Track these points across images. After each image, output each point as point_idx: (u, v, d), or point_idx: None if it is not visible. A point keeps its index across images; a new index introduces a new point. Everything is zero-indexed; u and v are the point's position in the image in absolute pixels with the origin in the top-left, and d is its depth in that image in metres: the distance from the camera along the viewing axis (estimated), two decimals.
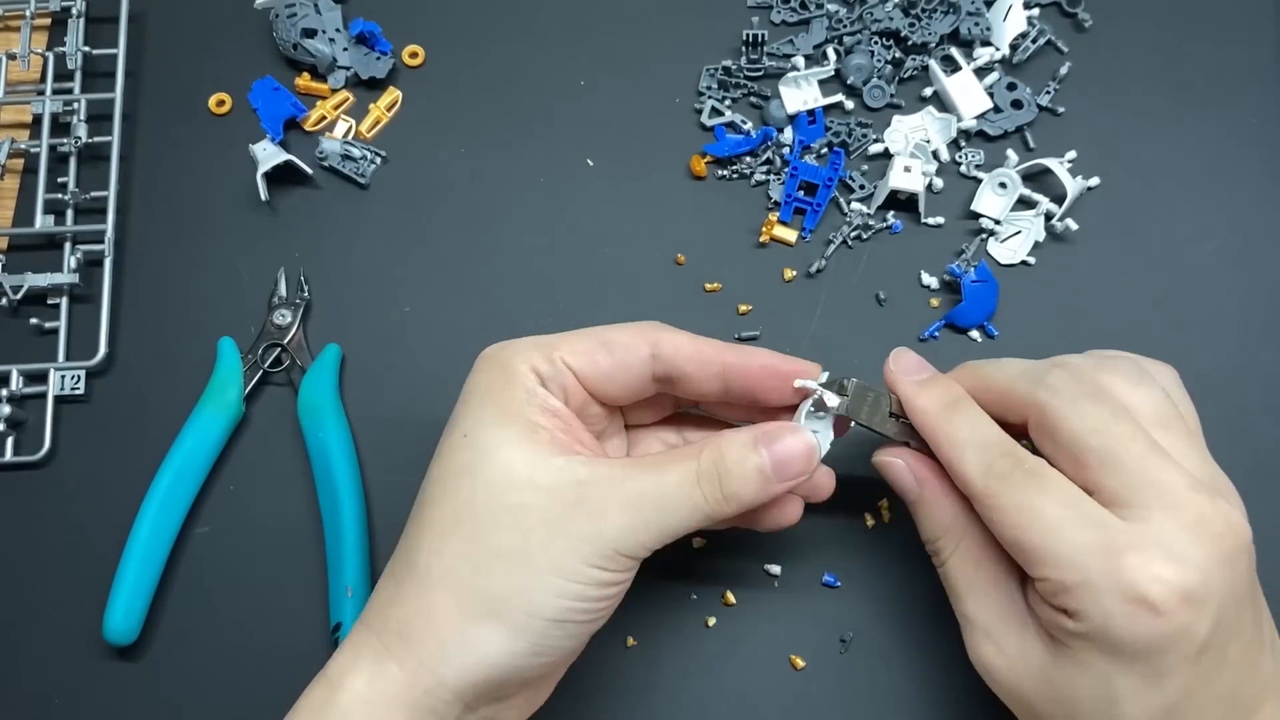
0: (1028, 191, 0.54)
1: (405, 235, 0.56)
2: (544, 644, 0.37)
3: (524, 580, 0.36)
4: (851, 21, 0.58)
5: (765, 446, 0.38)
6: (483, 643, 0.36)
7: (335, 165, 0.56)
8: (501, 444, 0.37)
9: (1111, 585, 0.34)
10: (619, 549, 0.37)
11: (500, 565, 0.36)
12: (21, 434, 0.53)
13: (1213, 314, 0.53)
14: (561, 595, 0.36)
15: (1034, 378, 0.39)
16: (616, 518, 0.36)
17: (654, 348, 0.40)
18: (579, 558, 0.36)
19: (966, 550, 0.40)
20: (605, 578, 0.37)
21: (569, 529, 0.36)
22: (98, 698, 0.48)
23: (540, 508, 0.36)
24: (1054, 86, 0.56)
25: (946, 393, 0.41)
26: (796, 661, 0.48)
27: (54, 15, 0.60)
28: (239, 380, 0.52)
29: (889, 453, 0.42)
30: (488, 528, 0.37)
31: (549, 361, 0.39)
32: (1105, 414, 0.37)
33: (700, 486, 0.38)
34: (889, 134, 0.56)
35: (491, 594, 0.36)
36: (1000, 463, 0.38)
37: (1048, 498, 0.36)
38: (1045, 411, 0.38)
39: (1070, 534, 0.35)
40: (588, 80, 0.58)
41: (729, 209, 0.55)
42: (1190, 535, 0.34)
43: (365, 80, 0.58)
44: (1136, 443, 0.36)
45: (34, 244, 0.56)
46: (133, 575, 0.48)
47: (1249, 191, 0.55)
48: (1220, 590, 0.34)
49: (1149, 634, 0.34)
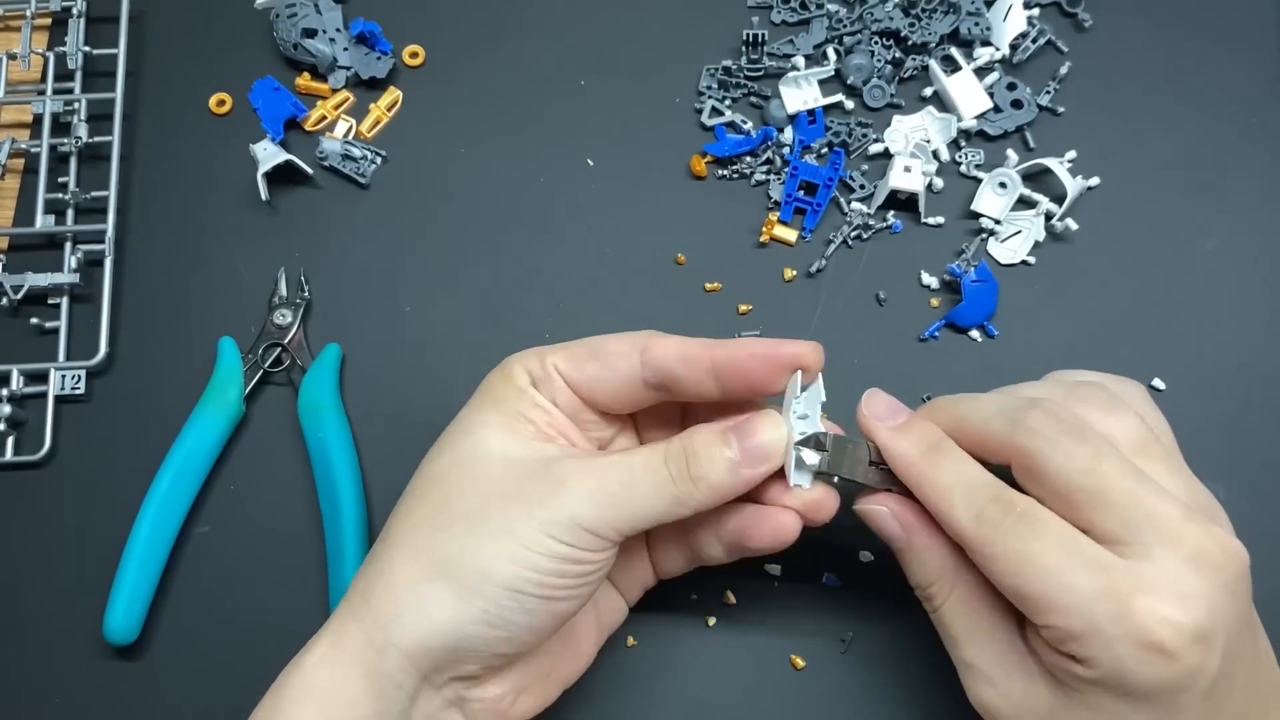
0: (1028, 191, 0.54)
1: (405, 235, 0.56)
2: (498, 614, 0.36)
3: (477, 542, 0.37)
4: (851, 21, 0.58)
5: (734, 432, 0.38)
6: (432, 601, 0.36)
7: (335, 165, 0.56)
8: (482, 425, 0.40)
9: (1121, 631, 0.33)
10: (580, 522, 0.37)
11: (457, 526, 0.37)
12: (22, 434, 0.53)
13: (1212, 314, 0.53)
14: (514, 561, 0.36)
15: (1011, 419, 0.37)
16: (577, 487, 0.37)
17: (643, 353, 0.40)
18: (535, 524, 0.36)
19: (960, 596, 0.39)
20: (565, 552, 0.37)
21: (526, 494, 0.37)
22: (98, 698, 0.48)
23: (502, 475, 0.38)
24: (1054, 86, 0.56)
25: (925, 436, 0.39)
26: (796, 661, 0.48)
27: (54, 15, 0.60)
28: (239, 380, 0.52)
29: (872, 500, 0.40)
30: (453, 493, 0.38)
31: (541, 366, 0.41)
32: (1090, 452, 0.35)
33: (668, 465, 0.38)
34: (889, 134, 0.56)
35: (446, 554, 0.37)
36: (991, 509, 0.36)
37: (1045, 543, 0.35)
38: (1028, 455, 0.36)
39: (1072, 580, 0.34)
40: (588, 80, 0.58)
41: (729, 209, 0.55)
42: (1192, 570, 0.34)
43: (366, 80, 0.58)
44: (1125, 478, 0.35)
45: (34, 244, 0.56)
46: (133, 575, 0.48)
47: (1249, 191, 0.55)
48: (1226, 622, 0.34)
49: (1163, 677, 0.33)
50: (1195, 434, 0.40)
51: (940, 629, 0.40)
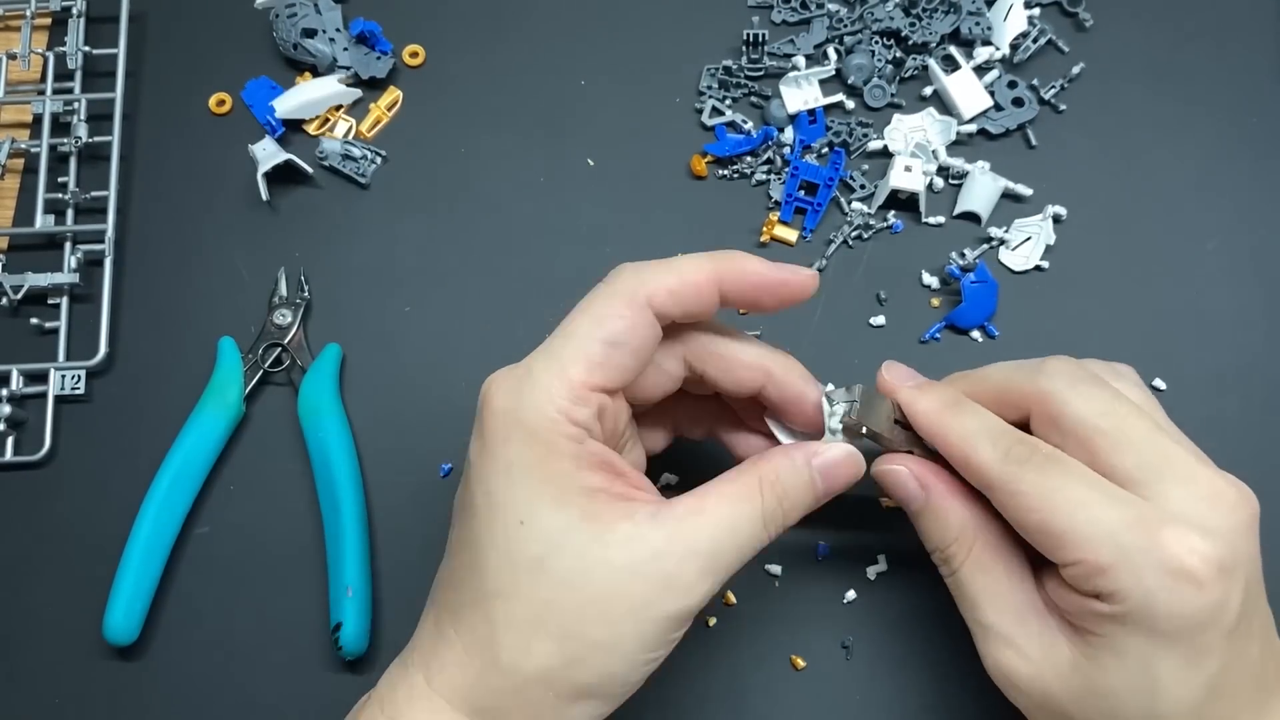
0: (1016, 186, 0.54)
1: (405, 235, 0.56)
2: (631, 694, 0.37)
3: (618, 667, 0.36)
4: (852, 21, 0.58)
5: (820, 475, 0.39)
6: (582, 716, 0.37)
7: (335, 165, 0.56)
8: (567, 529, 0.35)
9: (1151, 561, 0.34)
10: (701, 608, 0.36)
11: (593, 659, 0.36)
12: (21, 434, 0.53)
13: (1212, 314, 0.53)
14: (650, 663, 0.37)
15: (1030, 369, 0.39)
16: (701, 587, 0.36)
17: (651, 307, 0.38)
18: (667, 630, 0.36)
19: (979, 555, 0.39)
20: (683, 631, 0.37)
21: (659, 611, 0.36)
22: (98, 698, 0.48)
23: (627, 594, 0.35)
24: (1062, 83, 0.56)
25: (945, 394, 0.40)
26: (797, 662, 0.48)
27: (54, 15, 0.60)
28: (239, 380, 0.52)
29: (888, 460, 0.41)
30: (576, 624, 0.35)
31: (575, 400, 0.36)
32: (1108, 396, 0.37)
33: (767, 529, 0.38)
34: (889, 132, 0.56)
35: (588, 684, 0.36)
36: (1017, 448, 0.37)
37: (1071, 478, 0.36)
38: (1049, 399, 0.37)
39: (1099, 511, 0.35)
40: (588, 80, 0.58)
41: (729, 209, 0.55)
42: (1211, 507, 0.35)
43: (366, 80, 0.58)
44: (1141, 421, 0.36)
45: (34, 244, 0.56)
46: (133, 575, 0.48)
47: (1249, 191, 0.55)
48: (1245, 560, 0.35)
49: (1192, 608, 0.34)
50: (1195, 434, 0.40)
51: (957, 591, 0.40)
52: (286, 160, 0.55)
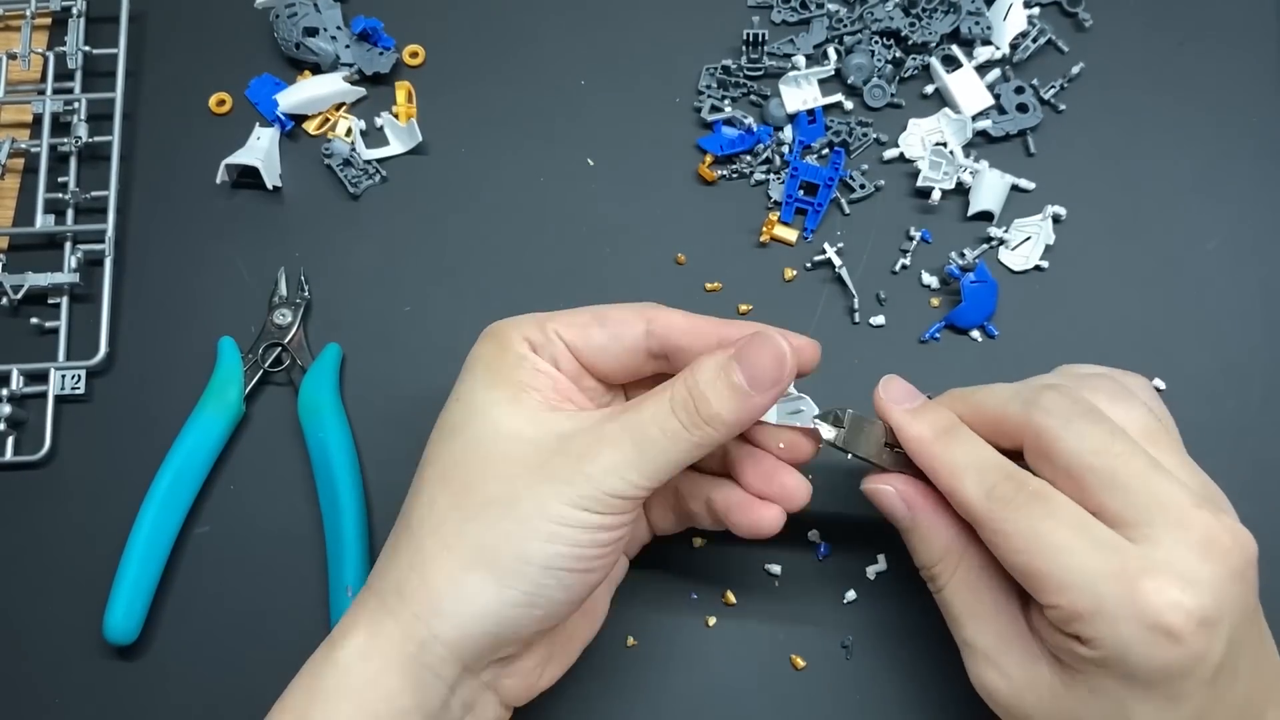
0: (1021, 180, 0.54)
1: (405, 235, 0.56)
2: (538, 594, 0.37)
3: (512, 526, 0.36)
4: (852, 21, 0.58)
5: (736, 360, 0.38)
6: (475, 592, 0.36)
7: (334, 166, 0.56)
8: (491, 403, 0.39)
9: (1128, 612, 0.33)
10: (605, 489, 0.36)
11: (488, 513, 0.37)
12: (22, 434, 0.53)
13: (1213, 313, 0.53)
14: (551, 540, 0.36)
15: (1026, 400, 0.38)
16: (598, 457, 0.37)
17: (649, 323, 0.40)
18: (564, 500, 0.36)
19: (964, 575, 0.39)
20: (595, 520, 0.37)
21: (552, 472, 0.37)
22: (98, 698, 0.48)
23: (524, 456, 0.37)
24: (1061, 82, 0.56)
25: (939, 419, 0.40)
26: (797, 661, 0.48)
27: (54, 15, 0.60)
28: (239, 380, 0.52)
29: (878, 479, 0.41)
30: (475, 479, 0.37)
31: (542, 332, 0.40)
32: (1103, 433, 0.36)
33: (677, 414, 0.37)
34: (904, 138, 0.56)
35: (481, 543, 0.36)
36: (1003, 486, 0.37)
37: (1055, 521, 0.35)
38: (1042, 434, 0.37)
39: (1081, 559, 0.35)
40: (588, 80, 0.58)
41: (729, 209, 0.55)
42: (1200, 555, 0.34)
43: (370, 76, 0.58)
44: (1136, 460, 0.36)
45: (34, 244, 0.56)
46: (133, 575, 0.48)
47: (1249, 190, 0.55)
48: (1231, 609, 0.34)
49: (1167, 661, 0.33)
50: (1195, 434, 0.40)
51: (943, 609, 0.40)
52: (256, 164, 0.55)
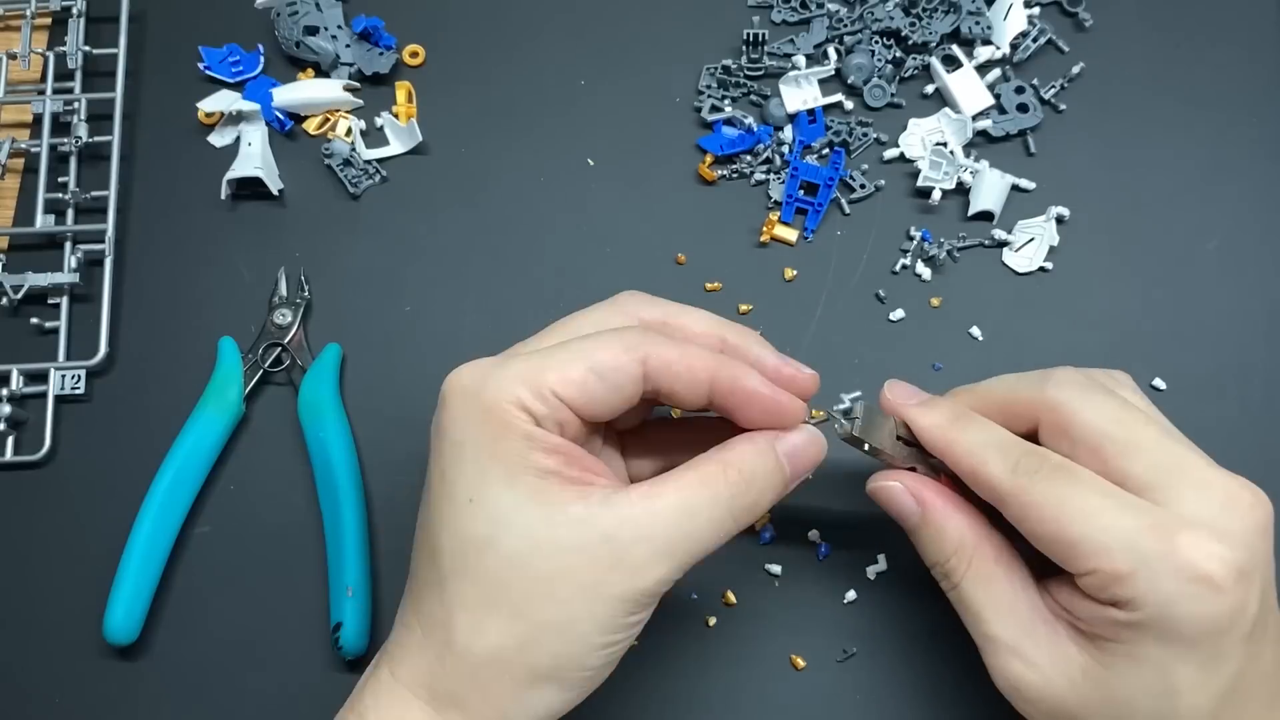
0: (1021, 180, 0.54)
1: (405, 235, 0.56)
2: (595, 683, 0.37)
3: (573, 648, 0.35)
4: (852, 21, 0.58)
5: (788, 459, 0.38)
6: (543, 703, 0.36)
7: (334, 166, 0.56)
8: (516, 508, 0.35)
9: (1169, 567, 0.34)
10: (658, 591, 0.36)
11: (547, 640, 0.35)
12: (22, 434, 0.53)
13: (1212, 314, 0.53)
14: (607, 647, 0.36)
15: (1037, 380, 0.39)
16: (654, 570, 0.35)
17: (644, 366, 0.37)
18: (622, 613, 0.36)
19: (979, 567, 0.39)
20: (643, 616, 0.37)
21: (609, 592, 0.35)
22: (98, 698, 0.48)
23: (575, 573, 0.35)
24: (1062, 82, 0.56)
25: (950, 409, 0.40)
26: (797, 661, 0.48)
27: (54, 15, 0.60)
28: (239, 380, 0.52)
29: (884, 477, 0.41)
30: (526, 604, 0.35)
31: (539, 398, 0.36)
32: (1118, 404, 0.37)
33: (732, 511, 0.37)
34: (904, 138, 0.56)
35: (544, 664, 0.35)
36: (1026, 460, 0.37)
37: (1084, 487, 0.36)
38: (1059, 408, 0.37)
39: (1115, 520, 0.35)
40: (588, 80, 0.58)
41: (729, 209, 0.55)
42: (1227, 511, 0.35)
43: (369, 76, 0.58)
44: (1151, 427, 0.36)
45: (34, 243, 0.56)
46: (133, 575, 0.48)
47: (1249, 190, 0.55)
48: (1263, 563, 0.35)
49: (1211, 613, 0.34)
50: (1195, 434, 0.40)
51: (960, 606, 0.40)
52: (254, 175, 0.55)
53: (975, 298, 0.53)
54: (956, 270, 0.54)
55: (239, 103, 0.56)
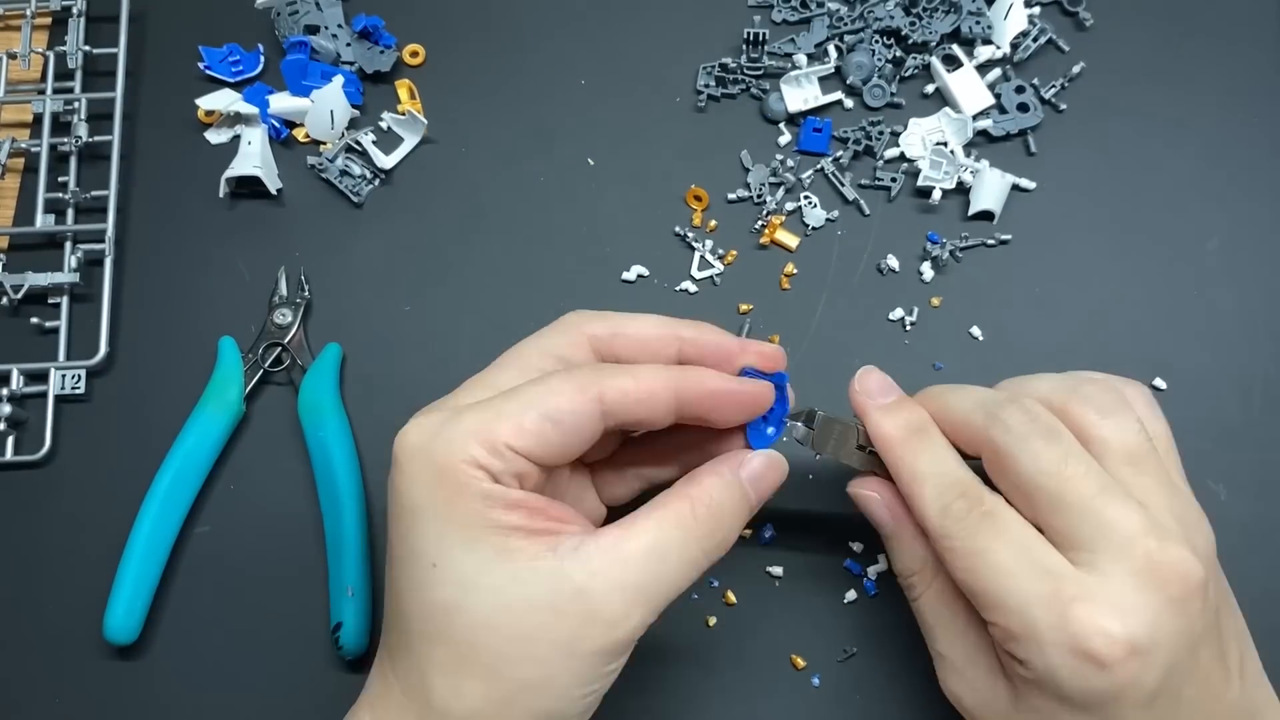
0: (1021, 179, 0.54)
1: (405, 234, 0.56)
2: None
3: (554, 704, 0.35)
4: (852, 20, 0.58)
5: (752, 486, 0.38)
6: None
7: (332, 179, 0.56)
8: (480, 571, 0.34)
9: (1056, 638, 0.34)
10: (634, 640, 0.36)
11: (524, 698, 0.35)
12: (22, 433, 0.53)
13: (1213, 313, 0.53)
14: (586, 696, 0.36)
15: (989, 413, 0.38)
16: (630, 620, 0.35)
17: (601, 404, 0.36)
18: (600, 665, 0.35)
19: (939, 589, 0.40)
20: (620, 662, 0.36)
21: (586, 647, 0.34)
22: (98, 698, 0.48)
23: (550, 630, 0.34)
24: (1062, 82, 0.56)
25: (911, 419, 0.40)
26: (797, 661, 0.48)
27: (54, 15, 0.60)
28: (239, 380, 0.52)
29: (864, 484, 0.42)
30: (502, 664, 0.34)
31: (495, 454, 0.35)
32: (1057, 455, 0.36)
33: (705, 554, 0.37)
34: (905, 138, 0.56)
35: None
36: (957, 504, 0.37)
37: (1001, 543, 0.36)
38: (998, 450, 0.37)
39: (1019, 582, 0.35)
40: (588, 80, 0.58)
41: (730, 209, 0.55)
42: (1138, 583, 0.34)
43: (370, 75, 0.58)
44: (1088, 483, 0.36)
45: (34, 243, 0.56)
46: (133, 575, 0.48)
47: (1250, 190, 0.55)
48: (1169, 638, 0.34)
49: (1096, 686, 0.34)
50: (1195, 434, 0.40)
51: (918, 618, 0.41)
52: (253, 174, 0.54)
53: (975, 298, 0.53)
54: (957, 270, 0.54)
55: (238, 104, 0.56)
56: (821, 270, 0.54)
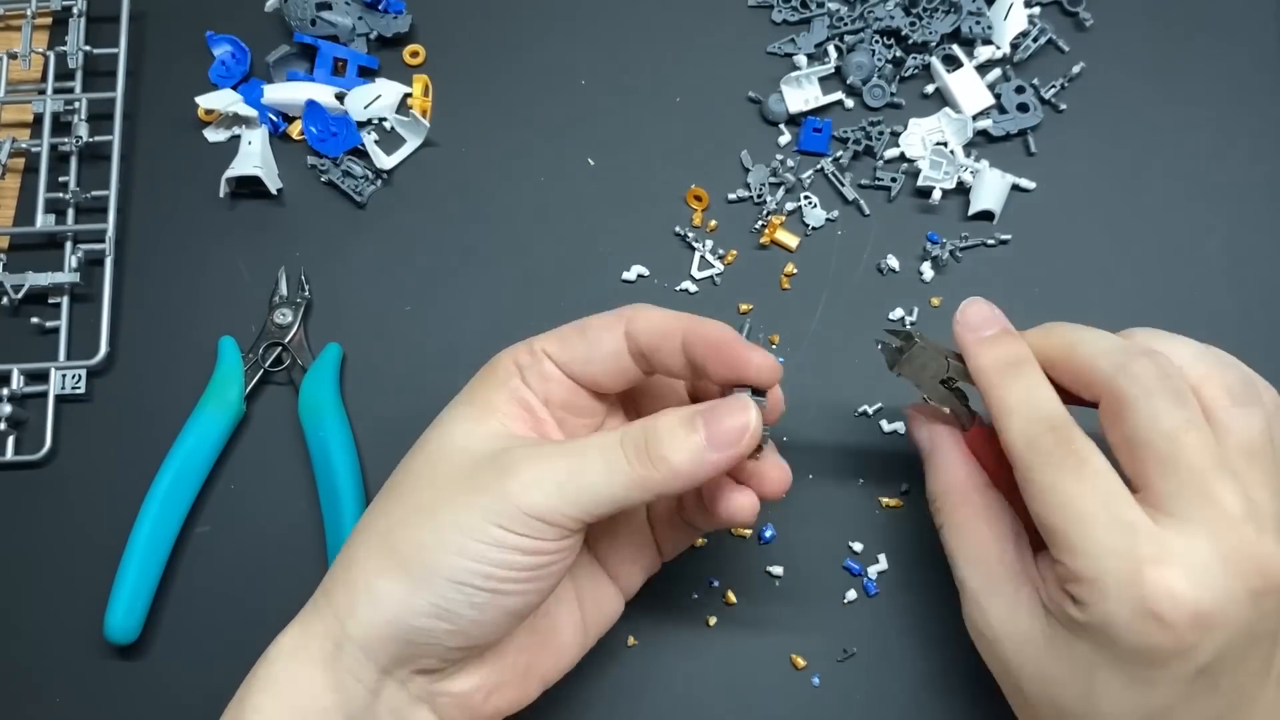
0: (1021, 180, 0.54)
1: (406, 235, 0.56)
2: (445, 606, 0.36)
3: (427, 535, 0.36)
4: (852, 20, 0.58)
5: (701, 415, 0.37)
6: (384, 594, 0.36)
7: (335, 180, 0.56)
8: (455, 420, 0.39)
9: (1125, 593, 0.34)
10: (524, 506, 0.35)
11: (410, 520, 0.37)
12: (22, 433, 0.53)
13: (1213, 312, 0.53)
14: (461, 553, 0.35)
15: (1118, 361, 0.37)
16: (523, 473, 0.36)
17: (628, 324, 0.39)
18: (479, 513, 0.35)
19: (966, 516, 0.40)
20: (514, 541, 0.35)
21: (476, 484, 0.36)
22: (98, 698, 0.49)
23: (458, 467, 0.37)
24: (1062, 82, 0.56)
25: (1009, 352, 0.40)
26: (797, 661, 0.48)
27: (55, 14, 0.60)
28: (240, 379, 0.52)
29: (917, 408, 0.44)
30: (410, 488, 0.38)
31: (530, 353, 0.40)
32: (1181, 419, 0.35)
33: (623, 447, 0.36)
34: (905, 138, 0.55)
35: (397, 548, 0.37)
36: (1045, 437, 0.37)
37: (1085, 487, 0.36)
38: (1120, 399, 0.36)
39: (1097, 531, 0.35)
40: (588, 80, 0.58)
41: (731, 209, 0.55)
42: (1223, 562, 0.34)
43: (390, 39, 0.58)
44: (1204, 455, 0.35)
45: (35, 243, 0.56)
46: (133, 575, 0.48)
47: (1250, 190, 0.55)
48: (1234, 622, 0.34)
49: (1148, 645, 0.34)
50: None
51: (945, 546, 0.41)
52: (253, 174, 0.54)
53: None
54: (957, 270, 0.54)
55: (238, 104, 0.56)
56: (821, 270, 0.54)
